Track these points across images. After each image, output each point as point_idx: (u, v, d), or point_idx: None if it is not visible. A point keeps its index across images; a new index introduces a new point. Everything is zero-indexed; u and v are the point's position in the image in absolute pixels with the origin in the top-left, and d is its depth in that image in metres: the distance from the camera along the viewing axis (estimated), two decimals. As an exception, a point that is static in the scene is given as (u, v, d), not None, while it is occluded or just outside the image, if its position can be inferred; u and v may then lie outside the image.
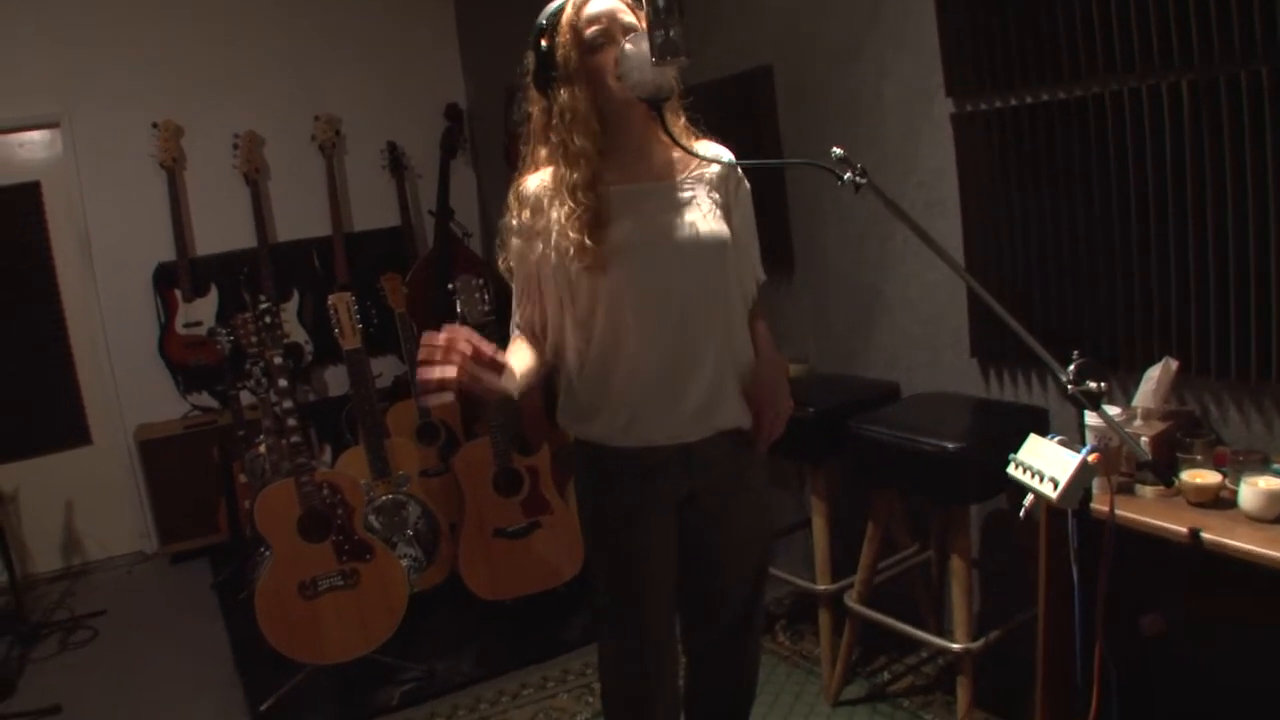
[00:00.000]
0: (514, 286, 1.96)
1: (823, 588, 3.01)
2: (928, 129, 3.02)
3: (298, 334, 5.23)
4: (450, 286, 3.70)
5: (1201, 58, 2.22)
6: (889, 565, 3.02)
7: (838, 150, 1.74)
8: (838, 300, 3.47)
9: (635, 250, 1.82)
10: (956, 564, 2.56)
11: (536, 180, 1.89)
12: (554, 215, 1.83)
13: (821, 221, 3.46)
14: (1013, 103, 2.74)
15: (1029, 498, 1.83)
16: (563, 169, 1.83)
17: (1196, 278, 2.34)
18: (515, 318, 1.98)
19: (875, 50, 3.14)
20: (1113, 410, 2.28)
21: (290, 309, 5.24)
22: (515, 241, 1.91)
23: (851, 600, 2.88)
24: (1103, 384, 1.73)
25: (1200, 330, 2.36)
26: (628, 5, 1.84)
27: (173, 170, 5.01)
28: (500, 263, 1.96)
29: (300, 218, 5.37)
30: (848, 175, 1.73)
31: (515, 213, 1.90)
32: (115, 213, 5.03)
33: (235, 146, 5.13)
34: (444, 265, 5.24)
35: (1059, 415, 2.67)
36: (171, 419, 5.18)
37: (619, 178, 1.86)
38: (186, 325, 5.07)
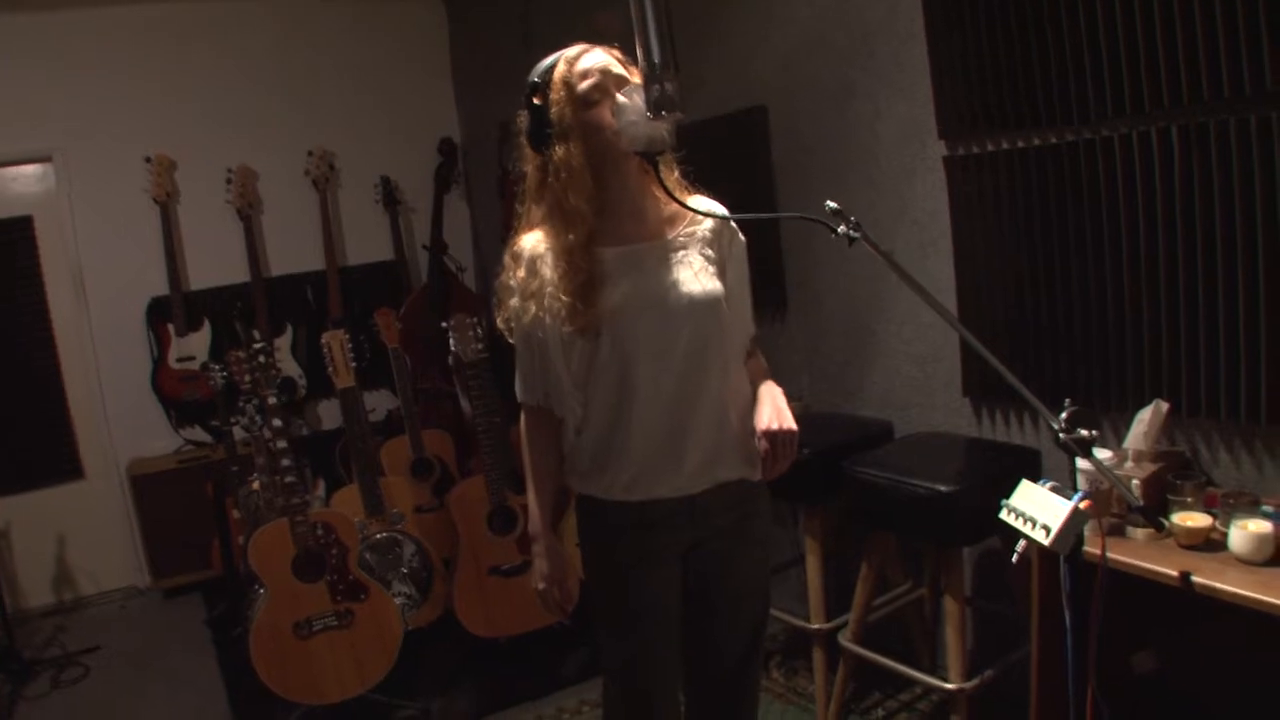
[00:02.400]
0: (515, 347, 1.97)
1: (816, 626, 3.01)
2: (921, 170, 3.05)
3: (291, 368, 5.23)
4: (445, 325, 3.72)
5: (1191, 103, 2.25)
6: (883, 602, 3.03)
7: (832, 204, 1.76)
8: (831, 339, 3.50)
9: (630, 314, 1.83)
10: (950, 605, 2.57)
11: (532, 239, 1.91)
12: (548, 276, 1.85)
13: (815, 260, 3.49)
14: (1004, 146, 2.78)
15: (1021, 543, 1.84)
16: (558, 229, 1.85)
17: (1187, 320, 2.37)
18: (521, 386, 1.98)
19: (869, 91, 3.18)
20: (1104, 454, 2.32)
21: (284, 343, 5.25)
22: (513, 302, 1.92)
23: (845, 639, 2.89)
24: (1094, 431, 1.75)
25: (1191, 372, 2.38)
26: (620, 59, 1.86)
27: (166, 204, 5.03)
28: (499, 320, 1.97)
29: (294, 252, 5.39)
30: (842, 228, 1.74)
31: (511, 272, 1.92)
32: (108, 247, 5.04)
33: (229, 181, 5.15)
34: (438, 300, 5.26)
35: (1051, 455, 2.69)
36: (164, 453, 5.17)
37: (613, 238, 1.88)
38: (180, 360, 5.07)
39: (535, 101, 1.85)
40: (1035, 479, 2.59)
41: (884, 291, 3.23)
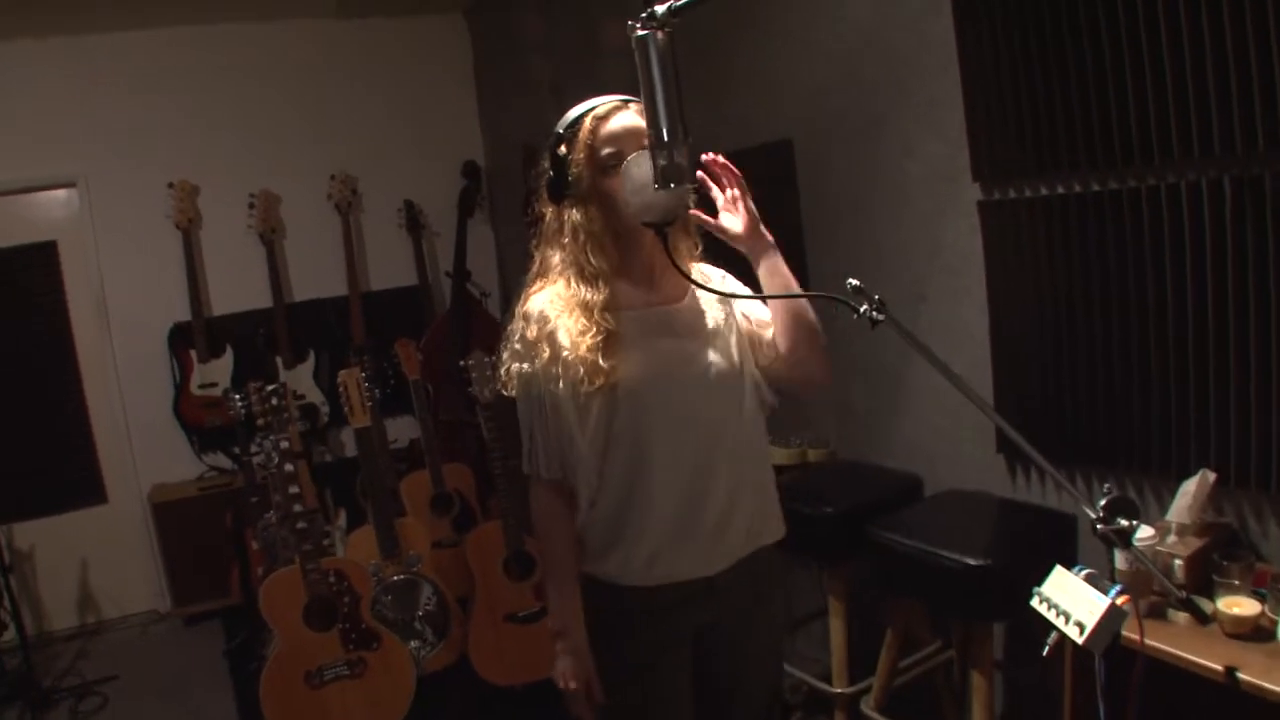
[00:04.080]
0: (520, 417, 1.86)
1: (839, 690, 2.89)
2: (953, 212, 2.92)
3: (314, 395, 5.18)
4: (463, 364, 3.63)
5: (1245, 151, 2.10)
6: (910, 664, 2.91)
7: (853, 281, 1.64)
8: (860, 385, 3.37)
9: (646, 382, 1.74)
10: (978, 680, 2.44)
11: (543, 298, 1.81)
12: (563, 337, 1.75)
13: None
14: (1043, 192, 2.64)
15: (1054, 635, 1.73)
16: (577, 287, 1.76)
17: (1237, 383, 2.22)
18: (530, 460, 1.86)
19: (899, 128, 3.06)
20: (1145, 531, 2.17)
21: (306, 369, 5.20)
22: (523, 367, 1.81)
23: (868, 707, 2.76)
24: (1134, 521, 1.64)
25: (1240, 439, 2.24)
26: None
27: (188, 230, 4.99)
28: (503, 375, 1.86)
29: (317, 277, 5.34)
30: (864, 308, 1.63)
31: (521, 331, 1.82)
32: (131, 272, 5.03)
33: (251, 206, 5.11)
34: (461, 326, 5.18)
35: (1088, 521, 2.55)
36: (187, 480, 5.14)
37: (630, 301, 1.80)
38: (202, 386, 5.03)
39: (559, 151, 1.77)
40: (1071, 548, 2.49)
41: (915, 332, 3.08)
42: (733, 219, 1.78)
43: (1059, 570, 1.74)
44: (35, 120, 4.83)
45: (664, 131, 1.57)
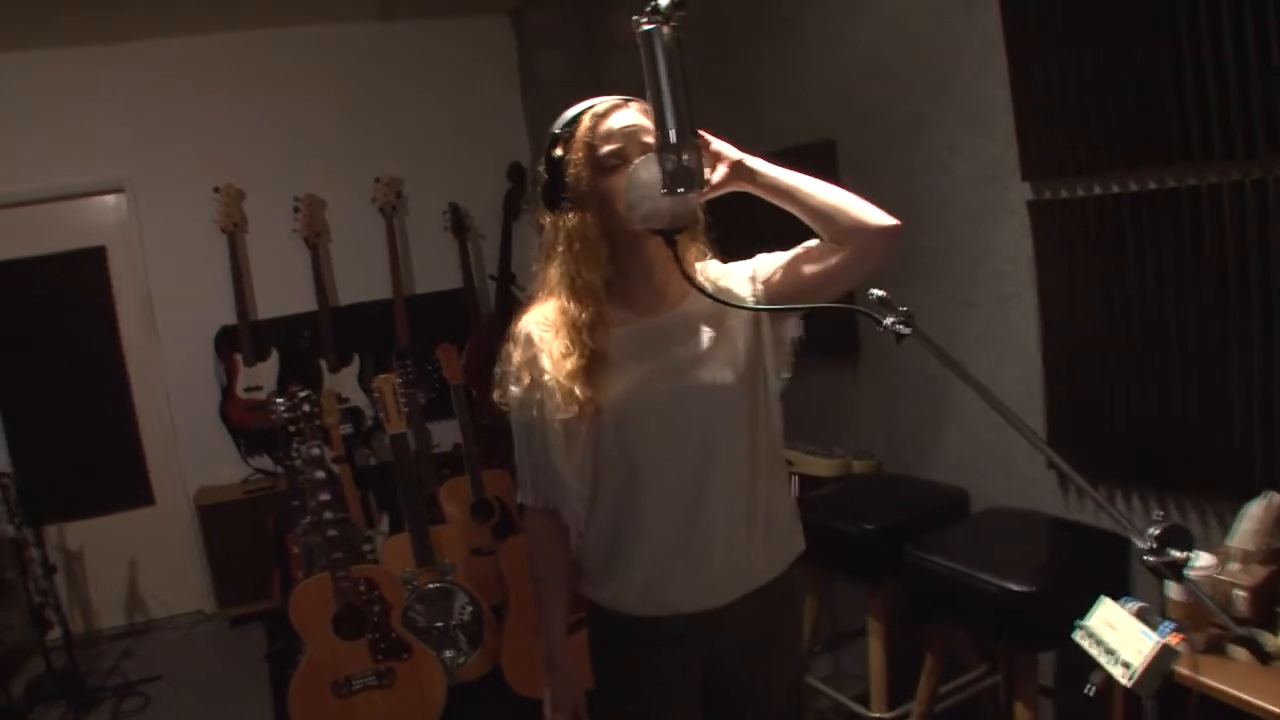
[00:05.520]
0: (515, 441, 1.76)
1: (876, 715, 2.76)
2: (1002, 213, 2.78)
3: (358, 398, 5.15)
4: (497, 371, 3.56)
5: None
6: (953, 689, 2.77)
7: (877, 291, 1.52)
8: (905, 395, 3.23)
9: (635, 405, 1.63)
10: (1022, 714, 2.29)
11: (533, 318, 1.72)
12: (545, 362, 1.65)
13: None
14: (1097, 191, 2.49)
15: (1098, 673, 1.59)
16: (568, 303, 1.66)
17: (1306, 397, 2.07)
18: (521, 487, 1.77)
19: (943, 125, 2.92)
20: (1204, 559, 2.02)
21: (351, 373, 5.18)
22: (513, 391, 1.72)
23: (909, 735, 2.64)
24: (1188, 553, 1.50)
25: (1310, 457, 2.08)
26: None
27: (234, 234, 5.00)
28: (495, 396, 1.76)
29: (361, 280, 5.32)
30: (888, 320, 1.50)
31: (509, 354, 1.73)
32: (178, 276, 5.06)
33: (296, 209, 5.09)
34: (505, 330, 5.10)
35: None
36: (233, 482, 5.16)
37: (627, 314, 1.68)
38: (247, 389, 5.03)
39: (555, 154, 1.66)
40: (1125, 573, 2.34)
41: (960, 344, 2.95)
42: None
43: (1105, 602, 1.61)
44: (83, 126, 4.87)
45: (671, 133, 1.47)
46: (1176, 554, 1.50)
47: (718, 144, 1.58)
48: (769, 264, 1.73)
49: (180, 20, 4.82)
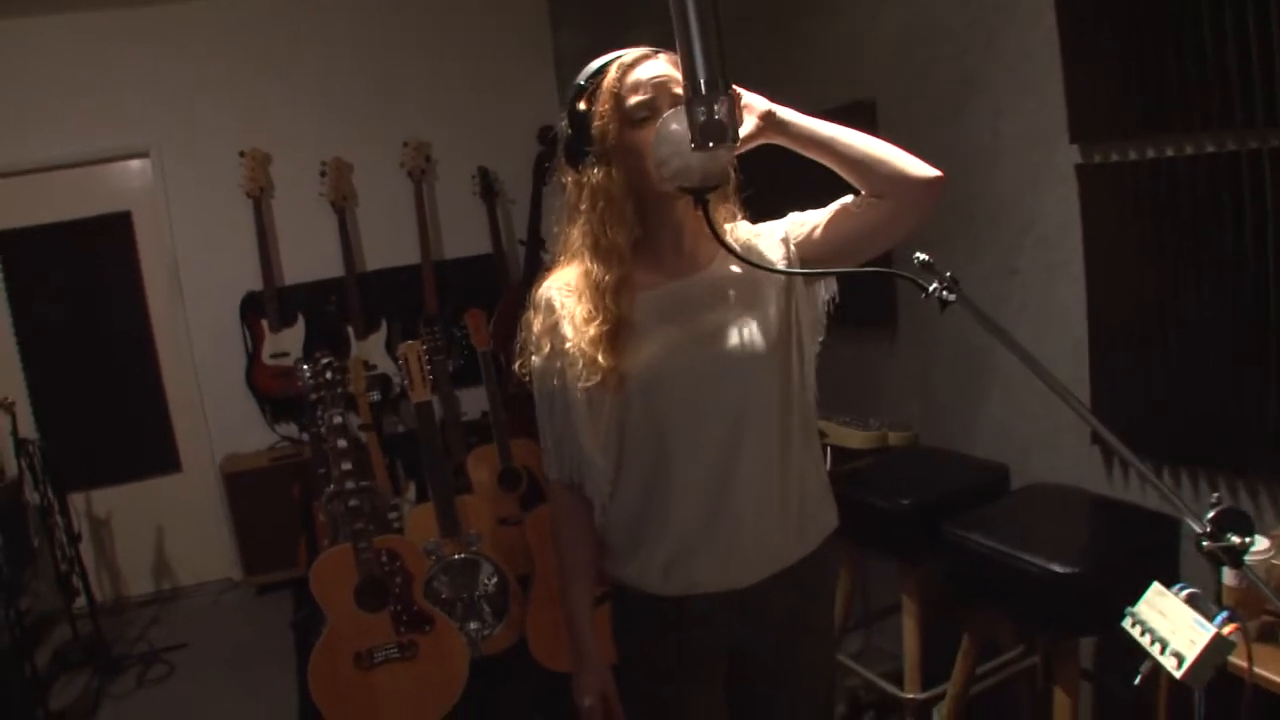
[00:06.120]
0: (538, 412, 1.68)
1: (910, 695, 2.68)
2: (1049, 178, 2.65)
3: (386, 365, 5.10)
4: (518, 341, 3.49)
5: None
6: (988, 670, 2.68)
7: (921, 255, 1.43)
8: (945, 365, 3.12)
9: (663, 372, 1.55)
10: (1061, 699, 2.20)
11: (556, 281, 1.63)
12: (567, 329, 1.57)
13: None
14: (1150, 154, 2.35)
15: (1147, 663, 1.50)
16: (592, 264, 1.57)
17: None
18: (549, 461, 1.69)
19: (988, 85, 2.79)
20: (1261, 544, 1.91)
21: (379, 339, 5.13)
22: (535, 360, 1.63)
23: (941, 717, 2.54)
24: (1247, 539, 1.40)
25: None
26: None
27: (259, 199, 4.94)
28: (516, 367, 1.69)
29: (389, 246, 5.25)
30: (933, 286, 1.41)
31: (530, 321, 1.64)
32: (203, 242, 5.02)
33: (323, 174, 5.03)
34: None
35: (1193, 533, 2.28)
36: (259, 449, 5.14)
37: (654, 277, 1.60)
38: (273, 356, 5.00)
39: (579, 108, 1.57)
40: (1173, 555, 2.23)
41: (1004, 312, 2.82)
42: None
43: (1156, 588, 1.51)
44: (107, 91, 4.82)
45: (702, 83, 1.37)
46: (1235, 539, 1.41)
47: (747, 96, 1.49)
48: (802, 223, 1.64)
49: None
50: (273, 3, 5.03)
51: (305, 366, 4.14)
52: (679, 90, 1.48)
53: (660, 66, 1.55)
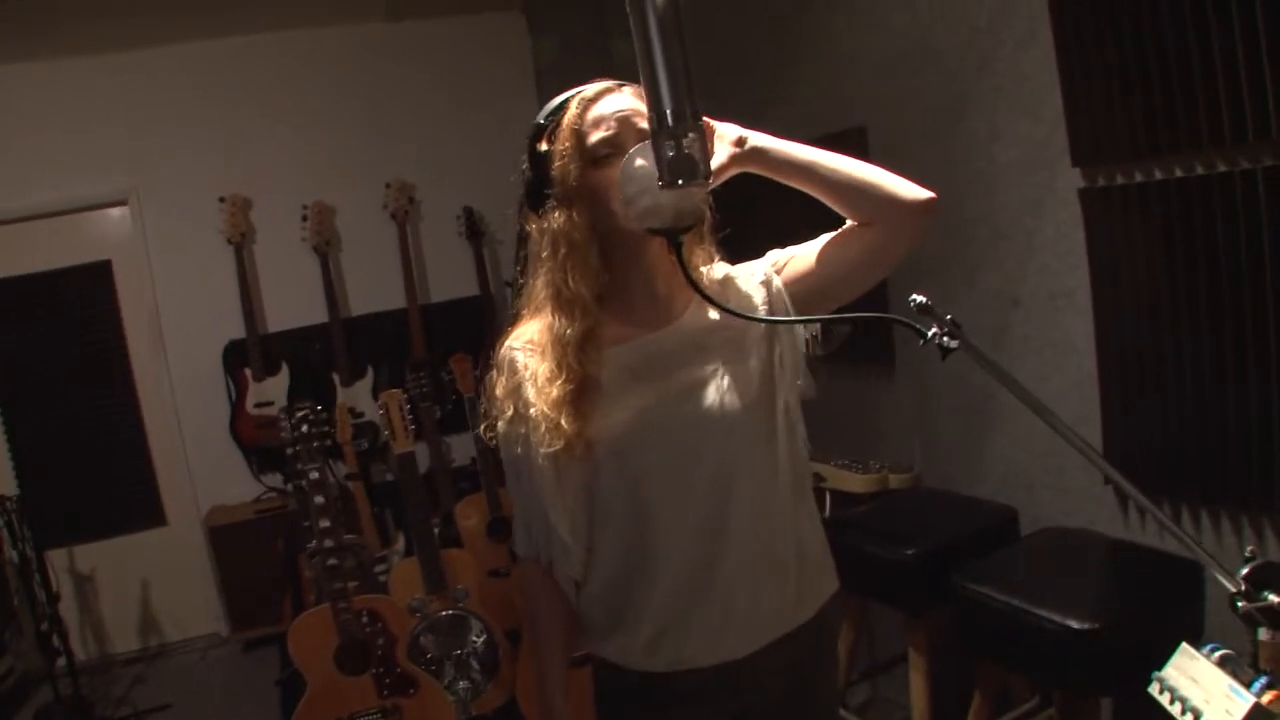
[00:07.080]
0: (506, 478, 1.54)
1: (924, 757, 2.52)
2: (1050, 203, 2.53)
3: (374, 412, 4.96)
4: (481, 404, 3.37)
5: None
6: (1005, 726, 2.52)
7: (919, 297, 1.30)
8: (947, 402, 2.98)
9: (635, 436, 1.41)
10: (1085, 762, 2.05)
11: (518, 339, 1.50)
12: (529, 390, 1.43)
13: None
14: (1158, 176, 2.24)
15: (1175, 730, 1.36)
16: (554, 319, 1.44)
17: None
18: (517, 535, 1.56)
19: (984, 108, 2.68)
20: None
21: (365, 386, 4.99)
22: (500, 425, 1.49)
23: (958, 781, 2.39)
24: (1286, 598, 1.28)
25: None
26: None
27: (240, 245, 4.82)
28: (483, 431, 1.55)
29: (374, 290, 5.12)
30: (932, 332, 1.28)
31: (492, 383, 1.51)
32: (185, 289, 4.90)
33: (304, 218, 4.90)
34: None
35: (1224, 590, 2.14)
36: (245, 501, 4.98)
37: (624, 329, 1.46)
38: (258, 405, 4.86)
39: (539, 148, 1.45)
40: (1197, 603, 2.08)
41: (1008, 345, 2.70)
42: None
43: (1185, 650, 1.37)
44: (85, 137, 4.72)
45: (668, 114, 1.25)
46: (1274, 598, 1.28)
47: (718, 125, 1.37)
48: (786, 260, 1.51)
49: (181, 27, 4.66)
50: (250, 45, 4.92)
51: (286, 418, 4.03)
52: (645, 125, 1.34)
53: (624, 100, 1.44)
